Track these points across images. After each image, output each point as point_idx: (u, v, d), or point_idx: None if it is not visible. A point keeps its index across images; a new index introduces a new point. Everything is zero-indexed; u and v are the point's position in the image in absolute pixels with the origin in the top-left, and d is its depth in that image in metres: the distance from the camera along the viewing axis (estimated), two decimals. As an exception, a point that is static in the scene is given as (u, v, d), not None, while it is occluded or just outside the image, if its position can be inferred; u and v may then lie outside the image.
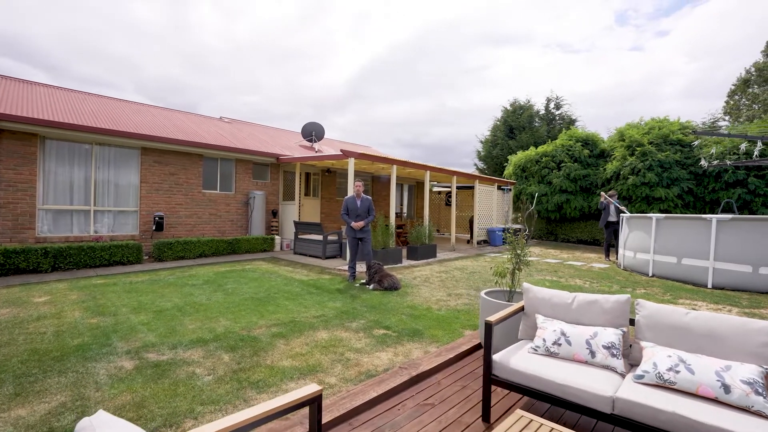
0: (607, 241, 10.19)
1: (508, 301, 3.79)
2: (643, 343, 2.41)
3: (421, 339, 4.13)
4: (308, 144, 15.29)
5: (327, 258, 9.62)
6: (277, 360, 3.40)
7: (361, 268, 7.89)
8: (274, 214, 11.91)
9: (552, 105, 20.43)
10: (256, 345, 3.72)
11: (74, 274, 7.09)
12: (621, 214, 9.61)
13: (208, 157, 10.54)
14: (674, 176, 11.55)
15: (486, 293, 3.94)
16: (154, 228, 9.12)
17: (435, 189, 19.96)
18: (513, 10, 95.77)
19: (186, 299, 5.41)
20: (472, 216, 13.96)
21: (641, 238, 8.11)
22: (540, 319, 2.82)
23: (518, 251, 3.85)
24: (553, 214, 14.60)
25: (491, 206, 14.10)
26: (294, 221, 10.67)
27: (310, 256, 10.01)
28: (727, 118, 19.72)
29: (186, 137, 9.97)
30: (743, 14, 49.51)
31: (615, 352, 2.42)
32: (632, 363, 2.56)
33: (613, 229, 9.97)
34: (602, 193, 9.87)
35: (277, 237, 11.25)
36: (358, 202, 6.97)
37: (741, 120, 18.23)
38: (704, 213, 11.50)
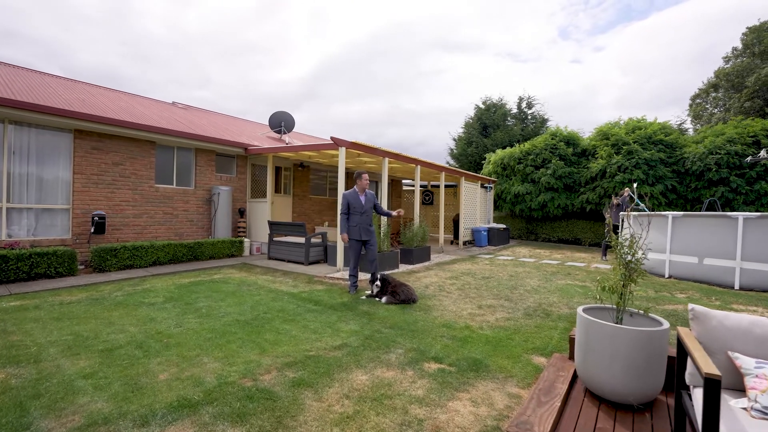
0: (607, 240, 9.81)
1: (617, 323, 2.86)
2: None
3: (491, 375, 3.09)
4: (276, 135, 13.72)
5: (310, 264, 8.30)
6: (317, 433, 2.19)
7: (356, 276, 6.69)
8: (242, 213, 10.31)
9: (524, 104, 20.41)
10: (275, 405, 2.46)
11: (-24, 293, 5.23)
12: (621, 213, 9.25)
13: (163, 144, 8.76)
14: (659, 174, 11.55)
15: (585, 310, 2.98)
16: (92, 230, 7.27)
17: (406, 188, 19.08)
18: (466, 19, 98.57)
19: (146, 328, 3.93)
20: (457, 215, 13.21)
21: (654, 237, 7.68)
22: (747, 362, 1.88)
23: (629, 257, 2.92)
24: (537, 212, 14.26)
25: (475, 205, 13.43)
26: (269, 221, 9.20)
27: (288, 261, 8.62)
28: (695, 121, 20.98)
29: (134, 119, 8.16)
30: (669, 35, 54.84)
31: None
32: None
33: (614, 228, 9.62)
34: (625, 191, 9.36)
35: (246, 240, 9.70)
36: (363, 198, 5.79)
37: (712, 122, 19.37)
38: (687, 210, 11.59)
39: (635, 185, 3.93)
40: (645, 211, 8.88)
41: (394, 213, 6.03)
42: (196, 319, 4.26)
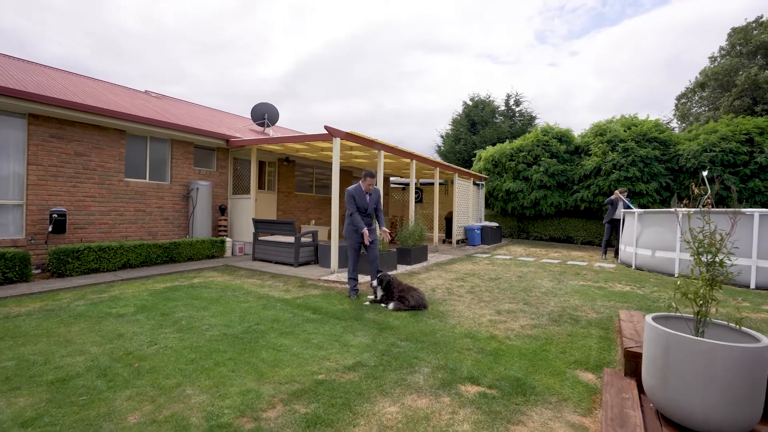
0: (607, 238, 9.55)
1: (697, 336, 2.39)
2: None
3: (541, 398, 2.58)
4: (259, 128, 12.90)
5: (300, 265, 7.63)
6: (351, 502, 1.59)
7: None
8: (223, 210, 9.50)
9: (512, 101, 20.23)
10: (288, 458, 1.84)
11: None
12: (623, 211, 9.01)
13: (134, 134, 7.88)
14: (654, 171, 11.45)
15: (655, 319, 2.50)
16: (50, 229, 6.37)
17: (394, 186, 18.57)
18: (446, 21, 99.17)
19: (112, 347, 3.22)
20: (450, 213, 12.76)
21: (661, 234, 7.41)
22: None
23: (716, 259, 2.45)
24: (529, 210, 13.98)
25: (468, 202, 13.02)
26: (254, 219, 8.45)
27: (276, 263, 7.92)
28: (681, 121, 21.38)
29: (101, 104, 7.27)
30: (642, 42, 56.86)
31: None
32: None
33: (614, 226, 9.37)
34: (616, 190, 9.19)
35: (227, 239, 8.92)
36: (367, 196, 5.22)
37: (701, 120, 19.72)
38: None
39: (704, 173, 3.54)
40: (632, 208, 8.67)
41: (385, 229, 5.29)
42: (174, 334, 3.57)
